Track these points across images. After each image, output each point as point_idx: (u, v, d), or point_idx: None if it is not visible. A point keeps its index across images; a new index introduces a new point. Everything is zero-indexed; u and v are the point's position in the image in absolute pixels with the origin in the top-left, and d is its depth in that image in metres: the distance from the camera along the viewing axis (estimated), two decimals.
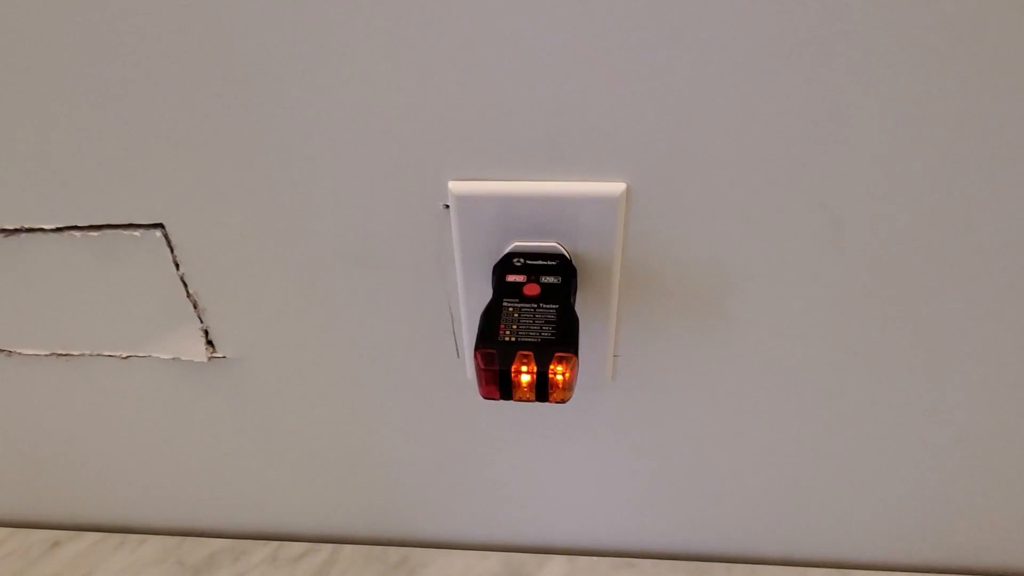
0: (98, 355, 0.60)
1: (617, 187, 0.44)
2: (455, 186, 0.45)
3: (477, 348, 0.40)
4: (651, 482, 0.64)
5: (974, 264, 0.46)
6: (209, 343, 0.58)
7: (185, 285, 0.54)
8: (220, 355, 0.59)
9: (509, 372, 0.39)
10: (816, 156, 0.42)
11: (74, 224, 0.51)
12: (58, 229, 0.52)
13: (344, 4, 0.39)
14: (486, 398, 0.41)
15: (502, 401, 0.44)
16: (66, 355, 0.61)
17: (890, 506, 0.62)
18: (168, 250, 0.52)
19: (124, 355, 0.60)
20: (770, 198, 0.44)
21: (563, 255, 0.46)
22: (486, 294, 0.49)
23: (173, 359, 0.59)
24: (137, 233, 0.51)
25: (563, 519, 0.69)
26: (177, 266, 0.53)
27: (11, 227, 0.52)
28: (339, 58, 0.41)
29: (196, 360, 0.58)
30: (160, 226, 0.51)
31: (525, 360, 0.39)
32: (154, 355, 0.59)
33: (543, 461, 0.64)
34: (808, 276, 0.48)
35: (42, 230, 0.52)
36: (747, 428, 0.58)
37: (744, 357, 0.53)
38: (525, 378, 0.39)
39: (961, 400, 0.53)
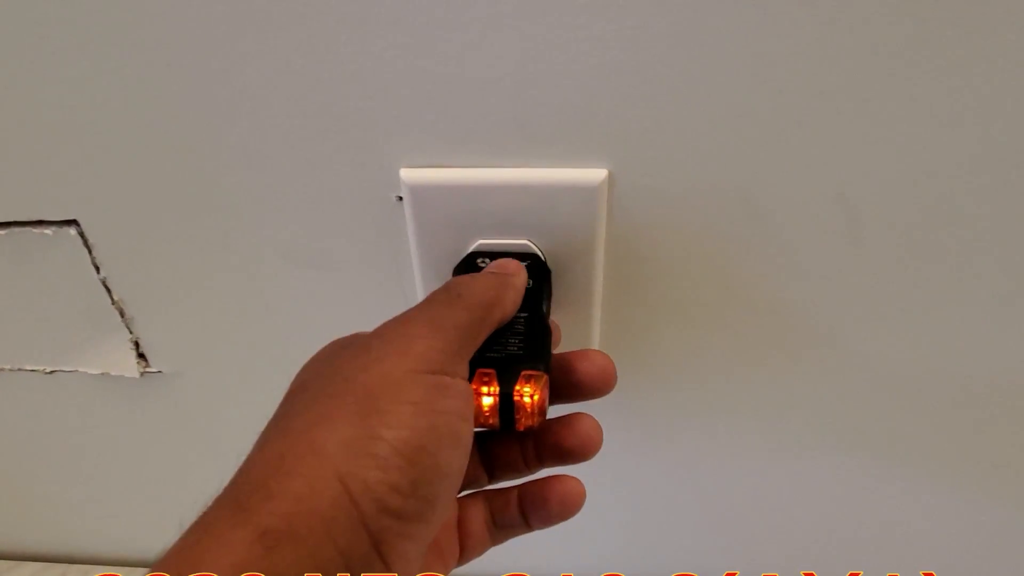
0: (19, 370, 0.54)
1: (597, 174, 0.38)
2: (408, 174, 0.39)
3: None
4: (642, 510, 0.57)
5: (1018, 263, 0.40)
6: (141, 356, 0.51)
7: (109, 291, 0.48)
8: (154, 370, 0.52)
9: None
10: (833, 135, 0.36)
11: None
12: None
13: None
14: None
15: None
16: None
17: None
18: (86, 251, 0.46)
19: (48, 370, 0.53)
20: (777, 186, 0.38)
21: (535, 254, 0.39)
22: None
23: (102, 374, 0.52)
24: (49, 231, 0.45)
25: (543, 548, 0.62)
26: (97, 269, 0.46)
27: None
28: (268, 22, 0.35)
29: (128, 375, 0.52)
30: (74, 223, 0.44)
31: (486, 380, 0.33)
32: (81, 370, 0.52)
33: None
34: (821, 276, 0.41)
35: None
36: (749, 451, 0.51)
37: (746, 370, 0.46)
38: (487, 401, 0.33)
39: (1003, 425, 0.47)
